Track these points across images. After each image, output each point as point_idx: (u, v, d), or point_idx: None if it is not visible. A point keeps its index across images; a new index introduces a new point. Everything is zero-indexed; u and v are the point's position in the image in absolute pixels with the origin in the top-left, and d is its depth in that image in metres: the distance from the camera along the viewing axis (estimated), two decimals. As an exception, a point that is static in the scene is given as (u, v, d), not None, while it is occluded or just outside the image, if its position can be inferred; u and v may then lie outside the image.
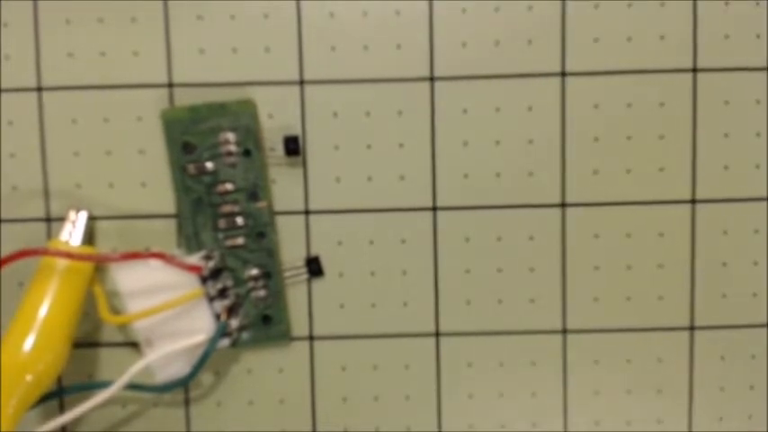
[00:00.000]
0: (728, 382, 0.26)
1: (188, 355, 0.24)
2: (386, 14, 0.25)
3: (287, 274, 0.25)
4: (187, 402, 0.26)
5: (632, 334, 0.26)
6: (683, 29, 0.25)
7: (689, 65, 0.25)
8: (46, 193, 0.25)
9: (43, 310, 0.23)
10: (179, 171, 0.25)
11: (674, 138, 0.25)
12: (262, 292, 0.25)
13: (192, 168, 0.25)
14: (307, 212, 0.25)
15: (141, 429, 0.26)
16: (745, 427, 0.26)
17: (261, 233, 0.25)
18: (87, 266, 0.24)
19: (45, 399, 0.24)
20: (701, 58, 0.25)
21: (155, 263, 0.24)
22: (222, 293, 0.25)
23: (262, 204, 0.25)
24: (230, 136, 0.24)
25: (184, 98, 0.25)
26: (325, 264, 0.25)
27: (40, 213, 0.25)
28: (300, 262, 0.25)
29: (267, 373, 0.26)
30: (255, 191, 0.25)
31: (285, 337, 0.25)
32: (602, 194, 0.25)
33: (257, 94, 0.25)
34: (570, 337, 0.26)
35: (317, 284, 0.26)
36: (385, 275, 0.26)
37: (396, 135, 0.25)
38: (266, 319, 0.25)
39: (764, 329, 0.26)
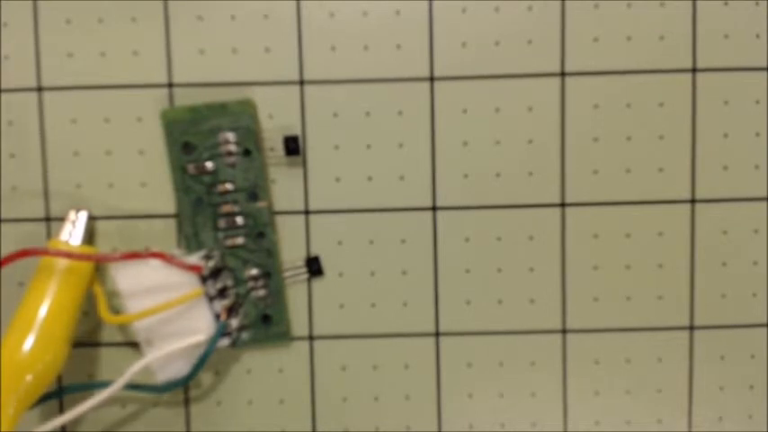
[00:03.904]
0: (728, 382, 0.26)
1: (188, 355, 0.24)
2: (386, 14, 0.25)
3: (287, 274, 0.25)
4: (187, 402, 0.26)
5: (632, 334, 0.26)
6: (683, 29, 0.25)
7: (688, 65, 0.25)
8: (46, 193, 0.25)
9: (43, 310, 0.23)
10: (179, 171, 0.25)
11: (673, 138, 0.25)
12: (262, 292, 0.25)
13: (192, 168, 0.25)
14: (307, 212, 0.25)
15: (141, 429, 0.26)
16: (744, 427, 0.26)
17: (261, 233, 0.25)
18: (87, 266, 0.24)
19: (45, 399, 0.24)
20: (701, 58, 0.25)
21: (155, 263, 0.24)
22: (222, 293, 0.25)
23: (262, 204, 0.25)
24: (230, 136, 0.24)
25: (184, 98, 0.25)
26: (326, 264, 0.25)
27: (40, 213, 0.25)
28: (300, 262, 0.25)
29: (267, 373, 0.26)
30: (255, 191, 0.25)
31: (285, 337, 0.25)
32: (602, 194, 0.25)
33: (257, 94, 0.25)
34: (570, 337, 0.26)
35: (317, 284, 0.26)
36: (385, 275, 0.26)
37: (396, 135, 0.25)
38: (266, 319, 0.25)
39: (764, 329, 0.26)
